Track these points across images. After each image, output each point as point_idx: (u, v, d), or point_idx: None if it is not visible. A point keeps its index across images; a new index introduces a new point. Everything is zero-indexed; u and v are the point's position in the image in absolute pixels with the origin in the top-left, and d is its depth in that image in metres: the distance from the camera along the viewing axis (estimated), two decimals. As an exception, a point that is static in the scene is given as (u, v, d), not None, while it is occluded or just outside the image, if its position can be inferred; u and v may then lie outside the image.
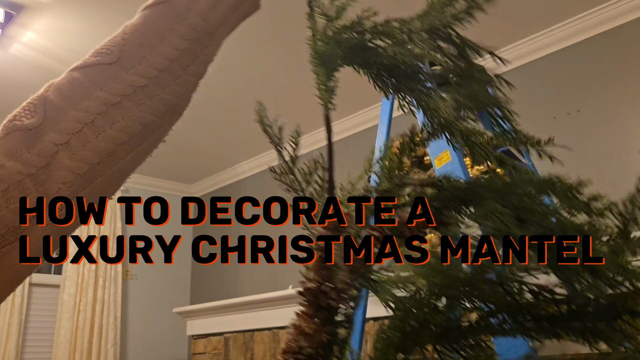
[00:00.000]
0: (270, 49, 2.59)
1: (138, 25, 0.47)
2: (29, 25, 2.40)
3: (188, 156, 3.94)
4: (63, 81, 0.44)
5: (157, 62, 0.46)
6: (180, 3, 0.48)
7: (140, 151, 0.47)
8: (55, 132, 0.41)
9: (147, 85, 0.45)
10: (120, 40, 0.46)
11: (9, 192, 0.39)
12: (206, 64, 0.52)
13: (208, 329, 3.63)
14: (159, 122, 0.48)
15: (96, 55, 0.45)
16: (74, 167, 0.41)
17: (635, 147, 2.13)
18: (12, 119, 0.43)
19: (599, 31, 2.31)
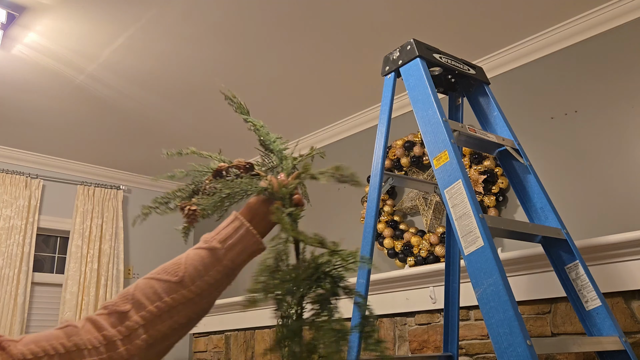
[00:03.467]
0: (272, 50, 2.60)
1: (194, 260, 0.79)
2: (31, 27, 2.41)
3: (188, 156, 3.95)
4: (145, 285, 0.75)
5: (202, 286, 0.77)
6: (220, 252, 0.81)
7: (183, 333, 0.77)
8: (138, 316, 0.71)
9: (194, 298, 0.76)
10: (183, 267, 0.78)
11: (107, 346, 0.67)
12: (228, 285, 0.82)
13: (209, 327, 3.65)
14: (195, 318, 0.78)
15: (167, 273, 0.77)
16: (145, 339, 0.71)
17: (632, 147, 2.14)
18: (114, 304, 0.72)
19: (597, 31, 2.32)
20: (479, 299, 1.25)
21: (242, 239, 0.84)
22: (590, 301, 1.44)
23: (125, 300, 0.72)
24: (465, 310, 2.22)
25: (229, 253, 0.82)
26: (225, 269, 0.80)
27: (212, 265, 0.79)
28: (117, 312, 0.70)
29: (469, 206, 1.32)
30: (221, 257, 0.80)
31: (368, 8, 2.29)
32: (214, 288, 0.79)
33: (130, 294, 0.73)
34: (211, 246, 0.81)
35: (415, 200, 2.82)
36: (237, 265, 0.82)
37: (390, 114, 1.64)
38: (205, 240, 0.83)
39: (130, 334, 0.69)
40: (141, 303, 0.72)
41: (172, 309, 0.73)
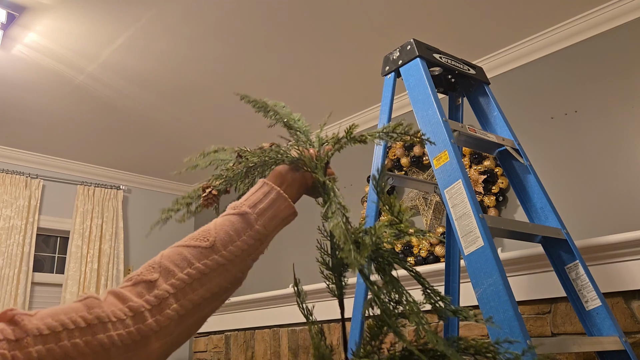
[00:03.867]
0: (271, 50, 2.60)
1: (224, 225, 0.75)
2: (31, 27, 2.41)
3: (187, 156, 3.95)
4: (172, 253, 0.70)
5: (234, 251, 0.73)
6: (251, 217, 0.77)
7: (215, 305, 0.72)
8: (168, 285, 0.66)
9: (226, 265, 0.72)
10: (213, 232, 0.73)
11: (134, 318, 0.61)
12: (260, 254, 0.78)
13: (209, 327, 3.65)
14: (229, 287, 0.73)
15: (196, 240, 0.72)
16: (177, 308, 0.65)
17: (632, 147, 2.14)
18: (139, 274, 0.66)
19: (597, 31, 2.32)
20: (479, 299, 1.25)
21: (273, 204, 0.80)
22: (590, 301, 1.44)
23: (151, 270, 0.67)
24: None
25: (260, 218, 0.78)
26: (258, 234, 0.76)
27: (243, 230, 0.75)
28: (144, 281, 0.64)
29: (469, 206, 1.32)
30: (252, 222, 0.77)
31: (368, 8, 2.29)
32: (247, 254, 0.74)
33: (157, 262, 0.68)
34: (241, 211, 0.77)
35: (415, 200, 2.82)
36: (270, 232, 0.79)
37: (390, 114, 1.64)
38: (233, 207, 0.79)
39: (159, 303, 0.63)
40: (170, 270, 0.67)
41: (204, 276, 0.68)
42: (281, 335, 3.13)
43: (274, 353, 3.15)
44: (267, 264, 3.58)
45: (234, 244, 0.73)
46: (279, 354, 3.11)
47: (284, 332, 3.12)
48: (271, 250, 1.27)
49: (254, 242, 0.75)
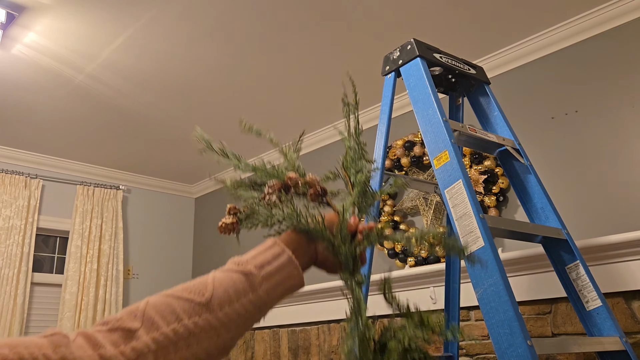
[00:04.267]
0: (271, 50, 2.60)
1: (224, 282, 0.66)
2: (31, 26, 2.40)
3: (188, 156, 3.95)
4: (160, 302, 0.60)
5: (230, 314, 0.64)
6: (256, 279, 0.68)
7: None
8: (149, 338, 0.56)
9: (219, 328, 0.62)
10: (211, 288, 0.64)
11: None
12: (256, 323, 0.69)
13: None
14: (215, 355, 0.62)
15: (190, 292, 0.63)
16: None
17: (633, 147, 2.14)
18: (118, 319, 0.57)
19: (598, 31, 2.32)
20: (480, 299, 1.24)
21: (282, 269, 0.71)
22: (590, 301, 1.44)
23: (132, 317, 0.58)
24: (465, 311, 2.22)
25: (265, 282, 0.69)
26: (259, 300, 0.67)
27: (245, 292, 0.66)
28: (122, 328, 0.56)
29: (470, 206, 1.32)
30: (256, 286, 0.68)
31: (368, 8, 2.29)
32: (242, 321, 0.65)
33: (141, 310, 0.59)
34: (246, 270, 0.68)
35: (415, 201, 2.82)
36: (272, 300, 0.70)
37: (390, 114, 1.64)
38: (237, 262, 0.70)
39: (136, 358, 0.54)
40: (154, 322, 0.57)
41: (192, 335, 0.59)
42: (281, 336, 3.13)
43: (274, 353, 3.14)
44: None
45: (232, 307, 0.64)
46: (278, 354, 3.10)
47: (283, 332, 3.11)
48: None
49: (253, 309, 0.67)
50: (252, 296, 0.66)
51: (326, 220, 0.80)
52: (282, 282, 0.71)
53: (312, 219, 0.79)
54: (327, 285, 2.68)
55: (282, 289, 0.71)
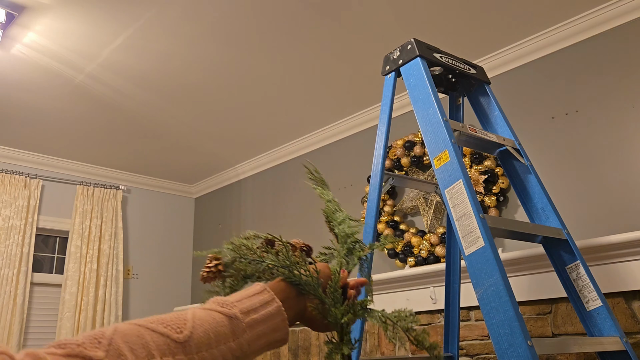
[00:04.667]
0: (271, 50, 2.60)
1: (205, 322, 0.58)
2: (31, 26, 2.40)
3: (188, 156, 3.95)
4: (131, 332, 0.52)
5: (206, 359, 0.56)
6: (240, 326, 0.61)
7: None
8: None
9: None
10: (190, 325, 0.56)
11: None
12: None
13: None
14: None
15: (166, 326, 0.54)
16: None
17: (633, 147, 2.14)
18: (79, 344, 0.47)
19: (598, 31, 2.32)
20: (480, 299, 1.24)
21: (269, 319, 0.65)
22: (591, 301, 1.44)
23: (96, 344, 0.48)
24: (465, 311, 2.22)
25: (249, 331, 0.62)
26: (239, 350, 0.60)
27: (225, 338, 0.59)
28: (82, 356, 0.46)
29: (470, 206, 1.31)
30: (239, 333, 0.60)
31: (368, 8, 2.29)
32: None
33: (107, 337, 0.50)
34: (231, 313, 0.61)
35: (415, 201, 2.81)
36: (252, 351, 0.62)
37: (390, 114, 1.64)
38: (221, 303, 0.63)
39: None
40: (121, 354, 0.48)
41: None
42: (281, 336, 3.13)
43: (274, 353, 3.14)
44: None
45: (210, 351, 0.56)
46: (278, 354, 3.10)
47: (283, 332, 3.11)
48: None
49: (231, 358, 0.59)
50: (233, 343, 0.59)
51: (320, 274, 0.74)
52: (267, 333, 0.64)
53: (306, 271, 0.73)
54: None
55: (265, 341, 0.64)
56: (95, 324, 3.72)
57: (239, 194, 4.14)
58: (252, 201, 4.01)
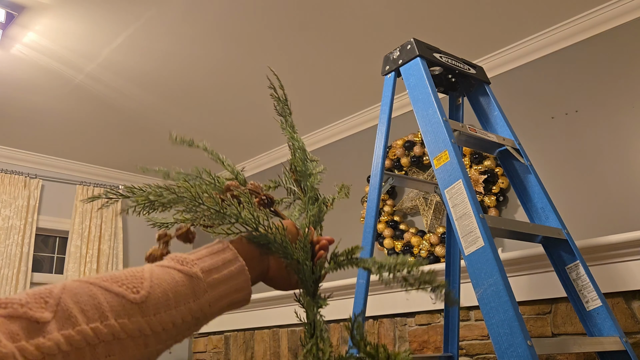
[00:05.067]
0: (271, 50, 2.60)
1: (164, 281, 0.54)
2: (30, 26, 2.40)
3: (188, 156, 3.95)
4: (81, 291, 0.47)
5: (165, 322, 0.52)
6: (201, 286, 0.57)
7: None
8: (61, 336, 0.42)
9: (149, 336, 0.50)
10: (148, 285, 0.52)
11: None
12: (185, 338, 0.57)
13: (208, 327, 3.64)
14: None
15: (121, 285, 0.50)
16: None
17: (633, 147, 2.14)
18: (22, 303, 0.43)
19: (598, 31, 2.32)
20: (480, 299, 1.24)
21: (231, 279, 0.61)
22: (590, 301, 1.44)
23: (42, 303, 0.43)
24: (465, 311, 2.22)
25: (210, 291, 0.58)
26: (200, 311, 0.56)
27: (185, 298, 0.55)
28: (27, 318, 0.41)
29: (470, 206, 1.31)
30: (200, 293, 0.56)
31: (368, 8, 2.29)
32: (175, 332, 0.53)
33: (55, 296, 0.45)
34: (192, 272, 0.57)
35: (415, 200, 2.81)
36: (212, 313, 0.59)
37: (390, 114, 1.64)
38: (180, 260, 0.58)
39: (42, 359, 0.40)
40: (71, 315, 0.44)
41: (116, 340, 0.46)
42: (281, 336, 3.13)
43: (274, 353, 3.14)
44: (267, 264, 3.57)
45: (169, 312, 0.52)
46: (278, 354, 3.10)
47: (283, 332, 3.11)
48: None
49: (191, 320, 0.55)
50: (194, 304, 0.55)
51: (287, 232, 0.70)
52: (228, 294, 0.60)
53: (273, 227, 0.68)
54: (326, 286, 2.68)
55: (227, 302, 0.60)
56: (95, 323, 3.72)
57: (238, 194, 4.14)
58: (251, 201, 4.00)
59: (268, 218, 0.69)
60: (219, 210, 0.68)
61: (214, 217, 0.70)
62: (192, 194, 0.69)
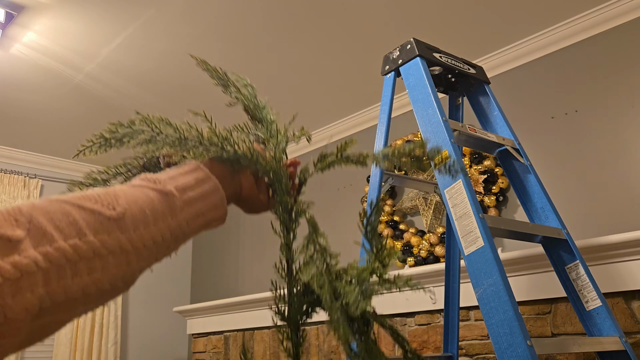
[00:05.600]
0: (271, 50, 2.60)
1: (140, 200, 0.51)
2: (30, 26, 2.40)
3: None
4: (53, 209, 0.44)
5: (145, 238, 0.50)
6: (177, 203, 0.55)
7: (89, 307, 0.46)
8: (39, 253, 0.40)
9: (130, 253, 0.48)
10: (123, 202, 0.49)
11: None
12: (164, 257, 0.56)
13: (208, 327, 3.64)
14: (121, 287, 0.49)
15: (95, 202, 0.47)
16: (41, 296, 0.39)
17: (633, 147, 2.14)
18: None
19: (598, 31, 2.32)
20: (479, 299, 1.24)
21: (206, 197, 0.60)
22: (590, 301, 1.44)
23: (12, 221, 0.40)
24: (465, 311, 2.22)
25: (187, 209, 0.57)
26: (178, 229, 0.55)
27: (163, 215, 0.53)
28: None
29: (469, 206, 1.31)
30: (177, 211, 0.55)
31: (368, 7, 2.29)
32: (156, 250, 0.52)
33: (25, 214, 0.41)
34: (165, 190, 0.55)
35: (415, 200, 2.81)
36: (190, 232, 0.58)
37: (390, 114, 1.64)
38: (152, 179, 0.56)
39: (18, 278, 0.37)
40: (46, 232, 0.41)
41: (97, 257, 0.44)
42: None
43: (274, 354, 3.14)
44: (266, 264, 3.57)
45: (148, 229, 0.51)
46: (278, 354, 3.10)
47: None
48: (271, 249, 1.19)
49: (170, 238, 0.54)
50: (172, 222, 0.54)
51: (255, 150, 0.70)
52: (205, 212, 0.59)
53: (242, 143, 0.67)
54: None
55: (203, 220, 0.59)
56: (94, 324, 3.71)
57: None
58: (251, 201, 4.00)
59: (231, 134, 0.67)
60: (180, 137, 0.66)
61: (175, 145, 0.67)
62: (149, 124, 0.67)
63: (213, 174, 0.62)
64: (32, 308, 0.38)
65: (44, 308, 0.39)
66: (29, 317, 0.38)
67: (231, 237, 4.01)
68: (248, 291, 3.52)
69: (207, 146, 0.66)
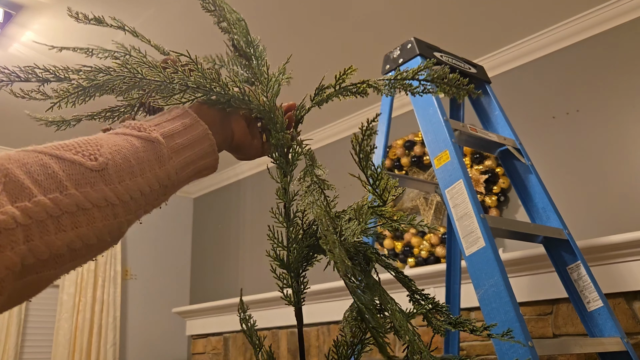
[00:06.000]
0: (270, 50, 2.59)
1: (124, 149, 0.48)
2: (29, 25, 2.39)
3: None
4: (30, 160, 0.41)
5: (132, 190, 0.47)
6: (164, 151, 0.52)
7: (78, 263, 0.44)
8: (17, 209, 0.37)
9: (117, 206, 0.46)
10: (106, 151, 0.46)
11: None
12: (157, 207, 0.54)
13: (207, 328, 3.63)
14: (109, 241, 0.47)
15: (76, 153, 0.45)
16: (24, 253, 0.37)
17: (634, 147, 2.13)
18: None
19: (598, 31, 2.31)
20: (480, 300, 1.23)
21: (195, 144, 0.56)
22: (592, 302, 1.43)
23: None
24: (466, 312, 2.21)
25: (175, 157, 0.53)
26: (168, 178, 0.52)
27: (150, 164, 0.50)
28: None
29: (470, 206, 1.31)
30: (164, 159, 0.52)
31: (368, 7, 2.28)
32: (144, 202, 0.49)
33: (0, 166, 0.39)
34: (152, 137, 0.51)
35: (415, 200, 2.81)
36: (180, 182, 0.55)
37: (390, 114, 1.63)
38: (136, 127, 0.52)
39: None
40: (23, 186, 0.38)
41: (81, 211, 0.42)
42: (280, 337, 3.12)
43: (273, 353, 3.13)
44: (266, 264, 3.56)
45: (134, 180, 0.48)
46: (278, 355, 3.09)
47: (283, 333, 3.10)
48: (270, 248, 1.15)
49: (158, 189, 0.51)
50: (159, 171, 0.51)
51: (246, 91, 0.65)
52: (194, 160, 0.56)
53: (234, 85, 0.62)
54: (326, 286, 2.67)
55: (193, 169, 0.56)
56: (93, 325, 3.70)
57: (238, 194, 4.13)
58: (251, 201, 4.00)
59: (219, 76, 0.62)
60: (165, 81, 0.60)
61: (159, 90, 0.62)
62: (129, 69, 0.61)
63: (202, 119, 0.58)
64: (14, 266, 0.36)
65: (27, 265, 0.37)
66: (12, 275, 0.36)
67: (231, 237, 4.00)
68: (248, 292, 3.51)
69: (195, 89, 0.61)
